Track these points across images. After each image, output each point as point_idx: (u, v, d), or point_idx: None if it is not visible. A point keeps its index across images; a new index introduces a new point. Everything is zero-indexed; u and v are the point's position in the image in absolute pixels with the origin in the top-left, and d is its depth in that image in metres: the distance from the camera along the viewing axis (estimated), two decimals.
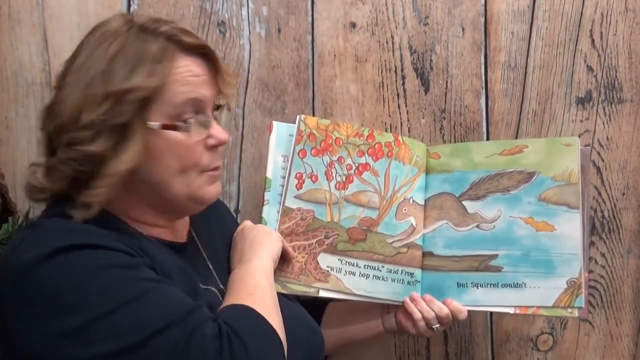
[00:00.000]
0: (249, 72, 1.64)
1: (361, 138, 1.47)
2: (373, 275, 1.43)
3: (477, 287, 1.43)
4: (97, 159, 1.11)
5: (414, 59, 1.67)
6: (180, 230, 1.32)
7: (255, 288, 1.20)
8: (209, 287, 1.26)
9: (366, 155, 1.46)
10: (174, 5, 1.60)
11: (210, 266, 1.32)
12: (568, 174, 1.43)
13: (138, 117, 1.12)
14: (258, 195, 1.61)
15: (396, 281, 1.44)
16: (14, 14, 1.55)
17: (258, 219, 1.47)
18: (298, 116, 1.45)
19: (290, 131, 1.47)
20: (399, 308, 1.45)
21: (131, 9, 1.59)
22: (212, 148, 1.21)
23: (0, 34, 1.55)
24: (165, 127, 1.15)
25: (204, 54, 1.20)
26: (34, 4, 1.56)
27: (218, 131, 1.21)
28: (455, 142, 1.69)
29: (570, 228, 1.41)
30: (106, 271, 1.05)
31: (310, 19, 1.65)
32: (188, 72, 1.16)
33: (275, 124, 1.48)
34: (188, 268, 1.23)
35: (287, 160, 1.45)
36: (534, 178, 1.44)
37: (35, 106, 1.57)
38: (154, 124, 1.14)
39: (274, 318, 1.13)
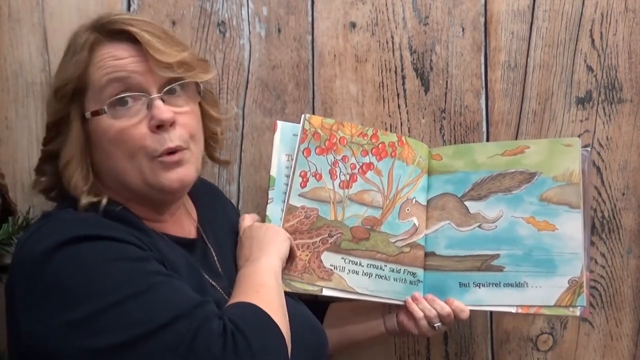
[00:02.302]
0: (249, 72, 1.63)
1: (365, 138, 1.47)
2: (376, 275, 1.44)
3: (479, 287, 1.43)
4: (51, 157, 1.21)
5: (414, 59, 1.67)
6: (187, 226, 1.33)
7: (262, 287, 1.20)
8: (216, 283, 1.26)
9: (370, 154, 1.47)
10: (174, 5, 1.60)
11: (217, 263, 1.32)
12: (569, 174, 1.44)
13: (75, 110, 1.17)
14: (258, 195, 1.61)
15: (399, 280, 1.44)
16: (14, 14, 1.55)
17: (259, 219, 1.47)
18: (303, 115, 1.45)
19: (294, 131, 1.47)
20: (401, 308, 1.46)
21: (131, 9, 1.58)
22: (158, 129, 1.17)
23: (0, 34, 1.55)
24: (95, 113, 1.16)
25: (131, 38, 1.18)
26: (34, 4, 1.55)
27: (159, 111, 1.16)
28: (455, 142, 1.69)
29: (571, 228, 1.42)
30: (116, 263, 1.06)
31: (310, 19, 1.65)
32: (110, 57, 1.16)
33: (279, 123, 1.48)
34: (196, 264, 1.24)
35: (292, 159, 1.45)
36: (535, 178, 1.45)
37: (35, 106, 1.57)
38: (87, 113, 1.17)
39: (280, 317, 1.13)
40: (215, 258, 1.33)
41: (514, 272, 1.42)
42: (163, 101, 1.17)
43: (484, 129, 1.69)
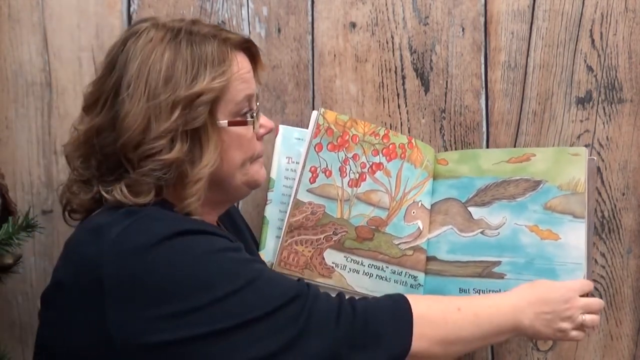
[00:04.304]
0: None
1: (377, 137, 1.47)
2: (376, 275, 1.44)
3: (479, 293, 1.42)
4: (177, 165, 1.14)
5: (414, 59, 1.67)
6: None
7: (475, 316, 1.23)
8: None
9: (380, 154, 1.47)
10: (174, 5, 1.60)
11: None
12: (574, 183, 1.42)
13: (209, 118, 1.17)
14: (258, 195, 1.61)
15: (399, 283, 1.44)
16: (14, 14, 1.55)
17: (258, 219, 1.48)
18: (317, 110, 1.46)
19: (295, 134, 1.50)
20: None
21: (131, 9, 1.58)
22: (261, 136, 1.30)
23: (0, 34, 1.55)
24: (232, 123, 1.20)
25: (247, 47, 1.26)
26: (34, 4, 1.55)
27: (266, 120, 1.31)
28: (455, 142, 1.69)
29: (574, 237, 1.40)
30: (223, 254, 1.12)
31: (310, 19, 1.64)
32: (243, 69, 1.23)
33: (281, 127, 1.51)
34: None
35: (292, 162, 1.46)
36: (540, 186, 1.44)
37: (35, 106, 1.57)
38: (222, 122, 1.19)
39: (430, 333, 1.18)
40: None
41: (515, 280, 1.40)
42: None
43: (484, 129, 1.69)
